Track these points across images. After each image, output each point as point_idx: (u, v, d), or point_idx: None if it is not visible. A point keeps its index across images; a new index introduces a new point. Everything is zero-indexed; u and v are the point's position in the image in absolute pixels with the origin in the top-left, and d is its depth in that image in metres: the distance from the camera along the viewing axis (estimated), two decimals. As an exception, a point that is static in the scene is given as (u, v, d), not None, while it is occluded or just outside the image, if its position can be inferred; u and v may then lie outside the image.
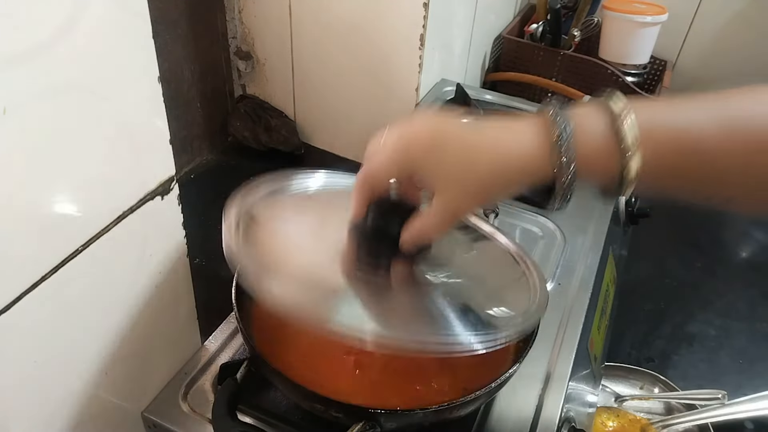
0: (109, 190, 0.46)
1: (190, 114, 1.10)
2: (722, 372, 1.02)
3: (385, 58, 1.04)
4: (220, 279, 0.85)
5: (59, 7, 0.38)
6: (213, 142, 1.17)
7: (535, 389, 0.62)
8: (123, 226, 0.48)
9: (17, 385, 0.44)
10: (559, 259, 0.77)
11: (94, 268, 0.47)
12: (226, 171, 1.14)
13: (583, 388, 0.71)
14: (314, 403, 0.50)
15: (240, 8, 1.11)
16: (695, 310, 1.11)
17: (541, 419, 0.59)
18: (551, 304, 0.70)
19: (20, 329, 0.42)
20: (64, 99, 0.40)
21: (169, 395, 0.59)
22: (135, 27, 0.44)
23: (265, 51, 1.15)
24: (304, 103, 1.19)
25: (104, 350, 0.51)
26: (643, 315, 1.10)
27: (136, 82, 0.46)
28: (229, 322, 0.66)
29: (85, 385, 0.51)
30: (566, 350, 0.66)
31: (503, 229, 0.61)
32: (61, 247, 0.44)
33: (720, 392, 0.90)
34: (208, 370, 0.61)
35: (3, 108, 0.36)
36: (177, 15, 0.99)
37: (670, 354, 1.03)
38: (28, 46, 0.37)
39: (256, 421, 0.56)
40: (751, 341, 1.07)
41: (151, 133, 0.49)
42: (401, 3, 0.96)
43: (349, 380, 0.56)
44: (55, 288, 0.44)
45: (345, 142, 1.19)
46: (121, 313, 0.52)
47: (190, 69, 1.05)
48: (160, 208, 0.52)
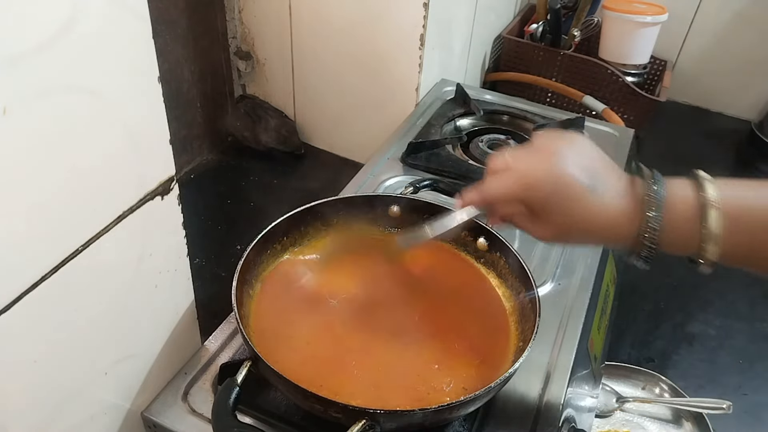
0: (109, 190, 0.46)
1: (190, 114, 1.10)
2: (722, 372, 1.01)
3: (385, 58, 1.04)
4: (220, 279, 0.86)
5: (59, 7, 0.38)
6: (213, 142, 1.17)
7: (535, 389, 0.62)
8: (123, 226, 0.48)
9: (17, 385, 0.44)
10: (559, 259, 0.77)
11: (94, 268, 0.47)
12: (226, 171, 1.15)
13: (583, 388, 0.71)
14: (314, 404, 0.50)
15: (240, 8, 1.11)
16: (695, 310, 1.11)
17: (541, 419, 0.59)
18: (551, 304, 0.70)
19: (20, 329, 0.42)
20: (64, 99, 0.40)
21: (169, 395, 0.59)
22: (135, 27, 0.44)
23: (265, 51, 1.15)
24: (304, 103, 1.19)
25: (104, 350, 0.51)
26: (643, 315, 1.10)
27: (136, 82, 0.46)
28: (229, 322, 0.66)
29: (85, 385, 0.51)
30: (566, 350, 0.66)
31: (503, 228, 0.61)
32: (61, 247, 0.44)
33: (725, 402, 0.90)
34: (208, 370, 0.61)
35: (3, 108, 0.36)
36: (177, 15, 0.99)
37: (670, 354, 1.03)
38: (28, 46, 0.37)
39: (256, 421, 0.56)
40: (751, 341, 1.07)
41: (151, 133, 0.49)
42: (401, 3, 0.96)
43: (349, 380, 0.56)
44: (55, 288, 0.44)
45: (345, 142, 1.19)
46: (121, 313, 0.52)
47: (190, 69, 1.05)
48: (160, 208, 0.52)
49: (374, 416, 0.48)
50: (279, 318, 0.61)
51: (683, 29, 1.57)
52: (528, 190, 0.48)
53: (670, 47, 1.57)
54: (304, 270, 0.66)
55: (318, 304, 0.62)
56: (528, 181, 0.48)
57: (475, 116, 1.04)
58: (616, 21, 1.41)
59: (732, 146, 1.56)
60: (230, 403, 0.51)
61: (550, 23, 1.40)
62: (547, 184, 0.47)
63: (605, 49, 1.45)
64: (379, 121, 1.10)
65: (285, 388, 0.52)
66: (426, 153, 0.92)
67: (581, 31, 1.39)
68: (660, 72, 1.52)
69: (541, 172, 0.48)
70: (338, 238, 0.68)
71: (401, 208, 0.70)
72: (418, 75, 1.03)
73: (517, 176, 0.49)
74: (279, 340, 0.58)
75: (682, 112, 1.65)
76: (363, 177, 0.88)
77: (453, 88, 1.10)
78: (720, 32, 1.55)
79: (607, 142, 1.04)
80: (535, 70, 1.42)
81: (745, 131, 1.57)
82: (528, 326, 0.58)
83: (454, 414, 0.52)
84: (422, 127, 0.99)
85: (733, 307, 1.12)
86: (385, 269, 0.67)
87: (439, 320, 0.62)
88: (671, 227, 0.45)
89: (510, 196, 0.49)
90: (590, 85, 1.37)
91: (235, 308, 0.54)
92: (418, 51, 1.00)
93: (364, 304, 0.63)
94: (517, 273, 0.63)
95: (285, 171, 1.15)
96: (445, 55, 1.14)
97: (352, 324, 0.61)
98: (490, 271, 0.67)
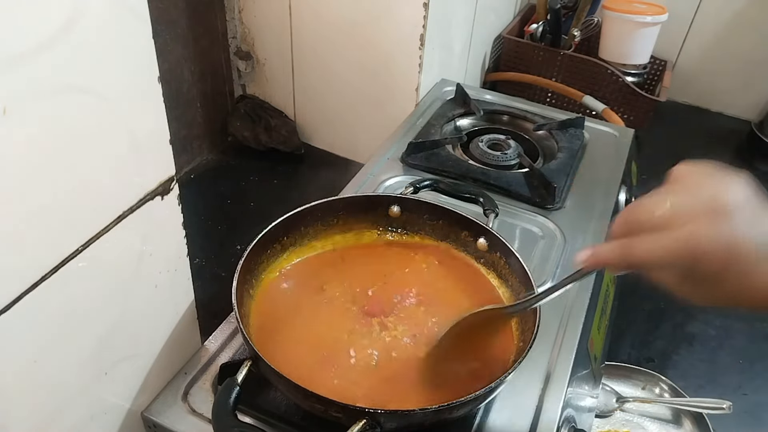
0: (109, 190, 0.46)
1: (190, 114, 1.10)
2: (722, 372, 1.02)
3: (385, 58, 1.04)
4: (220, 279, 0.86)
5: (59, 8, 0.38)
6: (213, 142, 1.17)
7: (535, 389, 0.62)
8: (123, 226, 0.48)
9: (17, 385, 0.44)
10: (559, 259, 0.77)
11: (94, 268, 0.47)
12: (226, 171, 1.15)
13: (583, 388, 0.71)
14: (314, 403, 0.50)
15: (240, 8, 1.11)
16: (695, 310, 1.11)
17: (541, 419, 0.59)
18: (551, 304, 0.70)
19: (20, 329, 0.42)
20: (64, 99, 0.40)
21: (169, 395, 0.59)
22: (135, 27, 0.44)
23: (265, 51, 1.15)
24: (304, 103, 1.19)
25: (104, 350, 0.51)
26: (643, 315, 1.10)
27: (136, 82, 0.46)
28: (229, 322, 0.66)
29: (85, 385, 0.51)
30: (566, 350, 0.66)
31: (503, 228, 0.61)
32: (61, 247, 0.44)
33: (725, 402, 0.90)
34: (208, 370, 0.61)
35: (3, 108, 0.36)
36: (177, 15, 0.99)
37: (670, 354, 1.03)
38: (28, 46, 0.37)
39: (256, 421, 0.56)
40: (751, 341, 1.07)
41: (151, 133, 0.49)
42: (401, 3, 0.96)
43: (349, 380, 0.56)
44: (55, 288, 0.44)
45: (345, 142, 1.19)
46: (121, 313, 0.52)
47: (190, 69, 1.05)
48: (160, 208, 0.52)
49: (374, 416, 0.48)
50: (279, 318, 0.61)
51: (683, 29, 1.57)
52: (697, 260, 0.39)
53: (670, 47, 1.57)
54: (304, 270, 0.66)
55: (318, 304, 0.63)
56: (697, 250, 0.39)
57: (475, 116, 1.04)
58: (616, 21, 1.41)
59: (732, 146, 1.56)
60: (230, 403, 0.51)
61: (550, 23, 1.40)
62: (719, 252, 0.38)
63: (605, 49, 1.46)
64: (379, 121, 1.10)
65: (285, 387, 0.52)
66: (426, 153, 0.92)
67: (581, 31, 1.39)
68: (660, 72, 1.52)
69: (713, 236, 0.38)
70: None
71: (401, 208, 0.70)
72: (418, 75, 1.03)
73: (683, 240, 0.39)
74: (279, 340, 0.58)
75: (682, 112, 1.65)
76: (363, 177, 0.88)
77: (453, 88, 1.10)
78: (720, 32, 1.55)
79: (607, 142, 1.04)
80: (535, 70, 1.42)
81: (745, 131, 1.57)
82: (528, 326, 0.58)
83: (454, 414, 0.52)
84: (422, 127, 0.99)
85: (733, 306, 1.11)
86: (386, 269, 0.67)
87: (439, 320, 0.62)
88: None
89: (670, 263, 0.40)
90: (590, 85, 1.37)
91: (235, 308, 0.54)
92: (418, 51, 1.00)
93: (365, 304, 0.63)
94: (518, 273, 0.63)
95: (285, 171, 1.15)
96: (445, 55, 1.14)
97: (353, 324, 0.61)
98: (490, 271, 0.67)
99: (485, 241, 0.67)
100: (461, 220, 0.68)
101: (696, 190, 0.41)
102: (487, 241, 0.67)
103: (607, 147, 1.02)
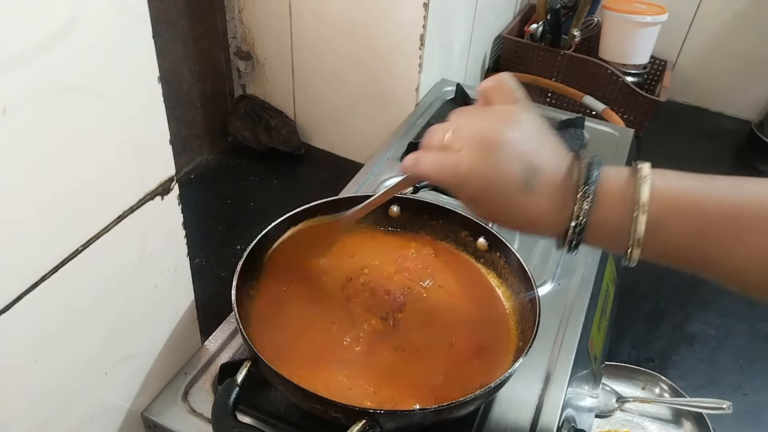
0: (109, 190, 0.46)
1: (190, 114, 1.10)
2: (722, 372, 1.01)
3: (385, 58, 1.04)
4: (220, 279, 0.86)
5: (59, 8, 0.38)
6: (213, 142, 1.17)
7: (535, 389, 0.62)
8: (123, 226, 0.48)
9: (17, 385, 0.44)
10: (559, 259, 0.77)
11: (94, 268, 0.47)
12: (226, 171, 1.15)
13: (583, 388, 0.71)
14: (314, 404, 0.50)
15: (240, 8, 1.11)
16: (695, 310, 1.11)
17: (541, 419, 0.59)
18: (551, 304, 0.70)
19: (20, 329, 0.42)
20: (64, 99, 0.40)
21: (169, 395, 0.59)
22: (135, 27, 0.44)
23: (265, 51, 1.15)
24: (304, 103, 1.19)
25: (104, 350, 0.51)
26: (643, 315, 1.10)
27: (136, 82, 0.46)
28: (229, 322, 0.66)
29: (85, 385, 0.51)
30: (566, 350, 0.66)
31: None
32: (61, 247, 0.44)
33: (725, 402, 0.90)
34: (208, 370, 0.61)
35: (3, 108, 0.36)
36: (177, 15, 0.99)
37: (670, 354, 1.03)
38: (28, 46, 0.37)
39: (256, 421, 0.56)
40: (751, 341, 1.07)
41: (151, 133, 0.49)
42: (401, 3, 0.96)
43: (350, 380, 0.56)
44: (55, 288, 0.44)
45: (345, 142, 1.19)
46: (121, 313, 0.52)
47: (190, 69, 1.05)
48: (160, 208, 0.52)
49: (374, 416, 0.48)
50: (279, 318, 0.61)
51: (683, 29, 1.57)
52: (460, 183, 0.46)
53: (670, 47, 1.57)
54: (304, 269, 0.66)
55: (318, 304, 0.62)
56: (461, 175, 0.45)
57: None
58: (616, 21, 1.41)
59: (732, 146, 1.56)
60: (230, 403, 0.51)
61: (550, 23, 1.40)
62: (478, 180, 0.45)
63: (605, 49, 1.46)
64: (379, 121, 1.10)
65: (285, 388, 0.52)
66: (426, 153, 0.92)
67: (581, 31, 1.39)
68: (660, 72, 1.52)
69: (477, 167, 0.45)
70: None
71: (401, 207, 0.70)
72: (418, 75, 1.03)
73: (452, 164, 0.45)
74: (279, 339, 0.58)
75: (682, 112, 1.65)
76: (363, 177, 0.88)
77: (453, 88, 1.10)
78: (720, 32, 1.55)
79: (607, 142, 1.04)
80: (535, 70, 1.42)
81: (745, 131, 1.57)
82: (528, 326, 0.58)
83: (454, 414, 0.52)
84: (422, 127, 0.99)
85: (733, 307, 1.11)
86: (385, 270, 0.67)
87: (438, 320, 0.62)
88: (598, 225, 0.44)
89: (440, 181, 0.47)
90: (590, 85, 1.37)
91: (235, 308, 0.54)
92: (418, 51, 1.00)
93: (365, 304, 0.63)
94: (517, 273, 0.63)
95: (285, 171, 1.15)
96: (445, 55, 1.14)
97: (353, 324, 0.61)
98: (490, 271, 0.68)
99: (485, 241, 0.67)
100: (461, 220, 0.68)
101: (481, 120, 0.47)
102: (486, 240, 0.67)
103: (607, 147, 1.02)
